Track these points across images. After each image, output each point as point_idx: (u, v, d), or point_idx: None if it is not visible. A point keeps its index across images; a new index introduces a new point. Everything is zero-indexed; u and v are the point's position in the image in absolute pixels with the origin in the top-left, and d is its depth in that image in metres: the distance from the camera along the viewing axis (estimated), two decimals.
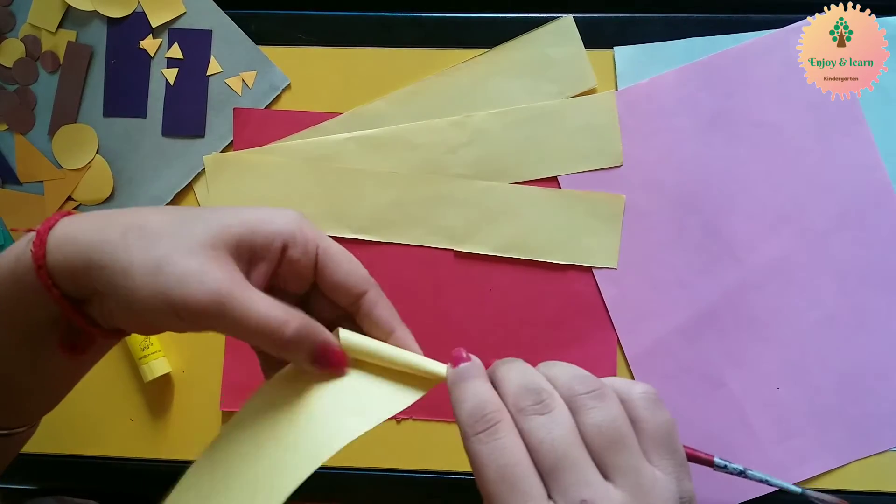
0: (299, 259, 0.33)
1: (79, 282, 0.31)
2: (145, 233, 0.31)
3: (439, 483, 0.59)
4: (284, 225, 0.33)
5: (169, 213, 0.32)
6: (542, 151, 0.59)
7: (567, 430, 0.29)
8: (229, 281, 0.30)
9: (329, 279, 0.34)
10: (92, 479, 0.61)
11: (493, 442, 0.29)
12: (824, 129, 0.58)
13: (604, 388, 0.30)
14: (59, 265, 0.31)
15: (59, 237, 0.31)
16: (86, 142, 0.61)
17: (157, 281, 0.30)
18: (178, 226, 0.31)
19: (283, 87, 0.61)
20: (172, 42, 0.61)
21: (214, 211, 0.32)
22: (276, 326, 0.31)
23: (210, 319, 0.30)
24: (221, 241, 0.31)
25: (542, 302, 0.59)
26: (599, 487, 0.28)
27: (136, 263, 0.30)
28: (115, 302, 0.31)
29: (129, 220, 0.31)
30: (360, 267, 0.35)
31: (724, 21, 0.59)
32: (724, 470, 0.35)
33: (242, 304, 0.30)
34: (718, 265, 0.58)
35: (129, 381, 0.61)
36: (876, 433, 0.56)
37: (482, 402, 0.30)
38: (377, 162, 0.60)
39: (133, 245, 0.30)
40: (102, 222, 0.31)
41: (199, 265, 0.30)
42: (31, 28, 0.61)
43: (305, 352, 0.32)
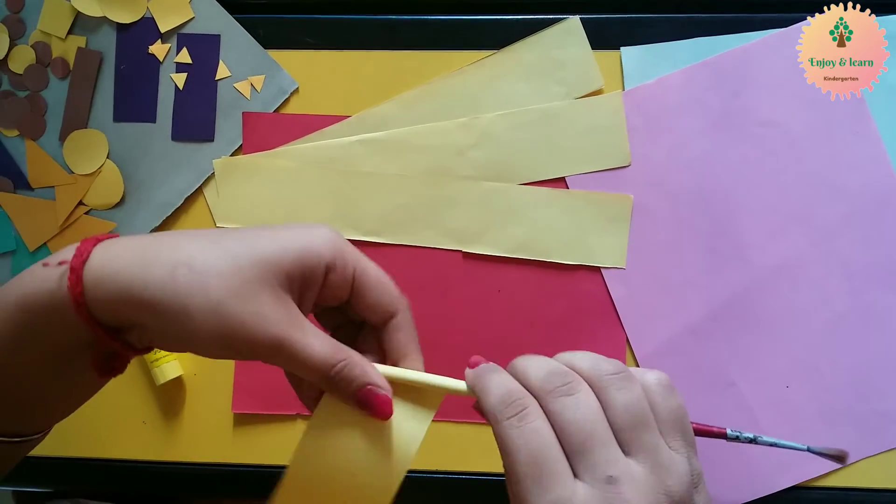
0: (338, 283, 0.34)
1: (121, 316, 0.31)
2: (195, 271, 0.31)
3: (446, 483, 0.59)
4: (326, 251, 0.33)
5: (211, 245, 0.32)
6: (550, 152, 0.59)
7: (593, 410, 0.30)
8: (287, 322, 0.31)
9: (364, 301, 0.35)
10: (106, 481, 0.62)
11: (525, 426, 0.30)
12: (831, 127, 0.58)
13: (628, 370, 0.32)
14: (99, 302, 0.31)
15: (97, 273, 0.31)
16: (96, 147, 0.62)
17: (217, 323, 0.30)
18: (225, 261, 0.31)
19: (292, 90, 0.61)
20: (181, 47, 0.61)
21: (255, 239, 0.32)
22: (329, 367, 0.32)
23: (269, 357, 0.32)
24: (273, 276, 0.31)
25: (550, 302, 0.59)
26: (623, 464, 0.29)
27: (192, 306, 0.30)
28: (164, 336, 0.31)
29: (173, 255, 0.31)
30: (392, 288, 0.35)
31: (730, 21, 0.59)
32: (737, 440, 0.36)
33: (299, 346, 0.31)
34: (727, 265, 0.58)
35: (141, 384, 0.61)
36: (885, 431, 0.57)
37: (509, 389, 0.32)
38: (385, 164, 0.60)
39: (185, 285, 0.30)
40: (143, 257, 0.31)
41: (257, 307, 0.31)
42: (42, 34, 0.61)
43: (352, 392, 0.33)
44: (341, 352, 0.33)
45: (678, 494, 0.29)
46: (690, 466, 0.31)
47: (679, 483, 0.30)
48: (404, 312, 0.36)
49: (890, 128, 0.58)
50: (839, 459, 0.39)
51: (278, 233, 0.33)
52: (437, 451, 0.59)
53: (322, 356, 0.32)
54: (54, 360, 0.33)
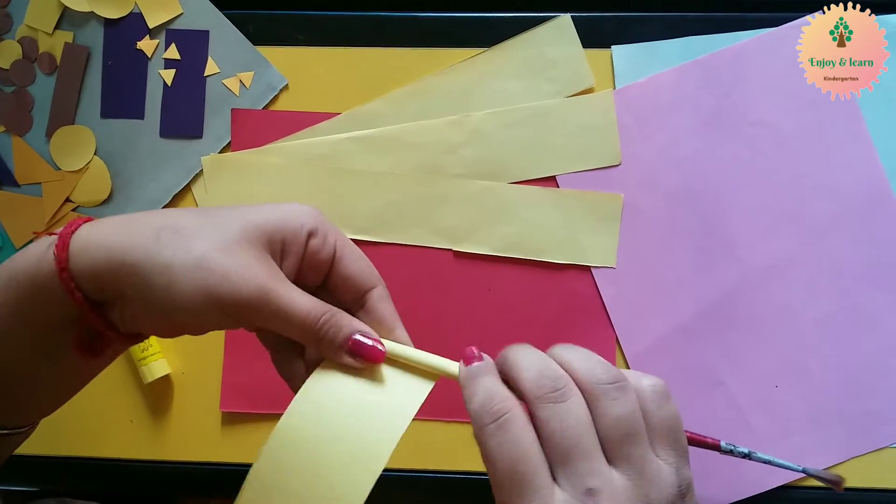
0: (320, 250, 0.34)
1: (105, 285, 0.31)
2: (179, 233, 0.31)
3: (439, 483, 0.59)
4: (308, 219, 0.34)
5: (197, 214, 0.33)
6: (541, 151, 0.59)
7: (582, 420, 0.30)
8: (270, 275, 0.32)
9: (343, 272, 0.35)
10: (92, 480, 0.61)
11: (503, 434, 0.30)
12: (822, 127, 0.58)
13: (625, 380, 0.31)
14: (83, 268, 0.31)
15: (83, 240, 0.31)
16: (83, 143, 0.61)
17: (200, 277, 0.30)
18: (210, 225, 0.32)
19: (281, 87, 0.61)
20: (169, 43, 0.61)
21: (239, 209, 0.33)
22: (315, 318, 0.33)
23: (252, 312, 0.32)
24: (255, 238, 0.32)
25: (541, 301, 0.59)
26: (605, 476, 0.29)
27: (176, 262, 0.30)
28: (145, 303, 0.31)
29: (158, 221, 0.32)
30: (371, 264, 0.36)
31: (722, 20, 0.59)
32: (731, 453, 0.36)
33: (283, 297, 0.32)
34: (717, 264, 0.58)
35: (128, 382, 0.61)
36: (873, 431, 0.57)
37: (492, 395, 0.31)
38: (375, 162, 0.60)
39: (169, 245, 0.31)
40: (130, 225, 0.32)
41: (241, 261, 0.31)
42: (28, 29, 0.61)
43: (341, 342, 0.33)
44: (325, 305, 0.33)
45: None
46: (678, 477, 0.30)
47: (662, 495, 0.29)
48: (383, 286, 0.36)
49: (890, 128, 0.58)
50: (835, 485, 0.39)
51: (263, 205, 0.34)
52: (426, 451, 0.59)
53: (307, 307, 0.32)
54: (39, 338, 0.33)
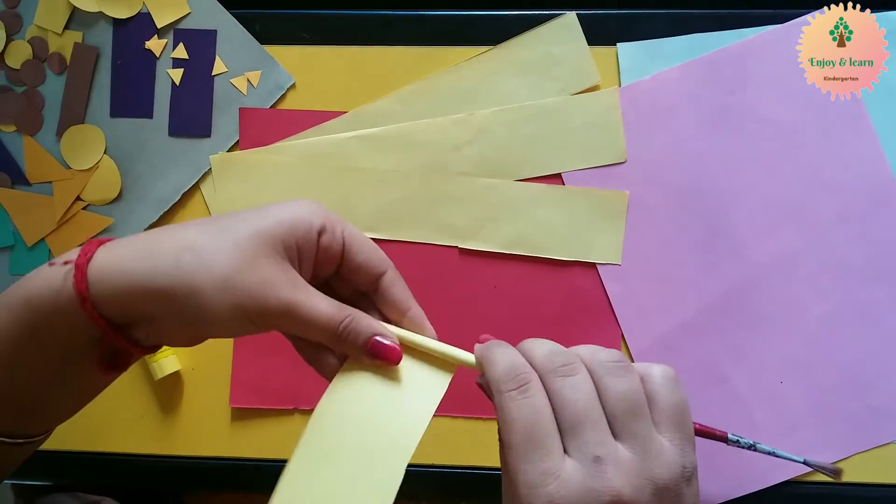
0: (331, 245, 0.35)
1: (129, 310, 0.32)
2: (198, 253, 0.32)
3: (447, 477, 0.60)
4: (316, 217, 0.35)
5: (209, 228, 0.33)
6: (546, 149, 0.59)
7: (589, 392, 0.31)
8: (292, 286, 0.33)
9: (354, 261, 0.36)
10: (105, 474, 0.62)
11: (524, 399, 0.31)
12: (827, 124, 0.58)
13: (626, 360, 0.33)
14: (105, 296, 0.31)
15: (101, 268, 0.32)
16: (93, 142, 0.62)
17: (228, 297, 0.32)
18: (226, 241, 0.33)
19: (288, 86, 0.61)
20: (177, 42, 0.61)
21: (247, 217, 0.34)
22: (336, 323, 0.34)
23: (279, 322, 0.33)
24: (271, 246, 0.33)
25: (546, 298, 0.59)
26: (612, 447, 0.30)
27: (202, 285, 0.31)
28: (175, 323, 0.32)
29: (174, 244, 0.32)
30: (379, 249, 0.37)
31: (727, 17, 0.59)
32: (737, 444, 0.37)
33: (307, 306, 0.33)
34: (722, 261, 0.58)
35: (139, 379, 0.62)
36: (877, 426, 0.57)
37: (514, 363, 0.33)
38: (381, 160, 0.60)
39: (191, 268, 0.32)
40: (146, 249, 0.32)
41: (263, 275, 0.32)
42: (38, 30, 0.61)
43: (361, 344, 0.35)
44: (346, 309, 0.35)
45: (663, 482, 0.30)
46: (683, 459, 0.31)
47: (666, 472, 0.30)
48: (393, 269, 0.37)
49: (889, 127, 0.58)
50: (834, 474, 0.40)
51: (269, 209, 0.35)
52: (433, 446, 0.60)
53: (329, 314, 0.34)
54: (59, 359, 0.34)
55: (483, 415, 0.59)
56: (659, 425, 0.32)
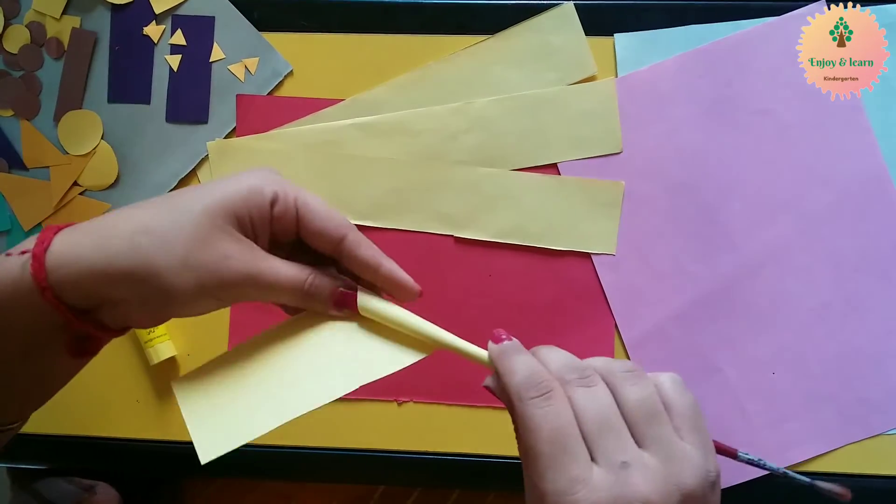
0: (284, 214, 0.35)
1: (90, 294, 0.32)
2: (154, 235, 0.32)
3: (439, 464, 0.60)
4: (267, 187, 0.35)
5: (162, 209, 0.33)
6: (542, 138, 0.60)
7: (608, 401, 0.31)
8: (250, 256, 0.34)
9: (309, 227, 0.36)
10: (100, 459, 0.63)
11: (548, 406, 0.31)
12: (822, 117, 0.58)
13: (640, 369, 0.33)
14: (65, 283, 0.31)
15: (58, 256, 0.32)
16: (91, 128, 0.62)
17: (188, 275, 0.32)
18: (180, 219, 0.33)
19: (286, 73, 0.61)
20: (175, 28, 0.61)
21: (199, 191, 0.34)
22: (299, 283, 0.35)
23: (243, 293, 0.34)
24: (225, 220, 0.33)
25: (541, 287, 0.60)
26: (636, 453, 0.30)
27: (161, 266, 0.32)
28: (139, 305, 0.32)
29: (129, 226, 0.32)
30: (338, 214, 0.37)
31: (724, 8, 0.59)
32: (747, 461, 0.37)
33: (268, 273, 0.34)
34: (716, 252, 0.59)
35: (135, 364, 0.62)
36: (867, 418, 0.57)
37: (535, 371, 0.33)
38: (378, 148, 0.60)
39: (148, 249, 0.32)
40: (101, 234, 0.32)
41: (221, 250, 0.33)
42: (36, 14, 0.61)
43: (325, 298, 0.36)
44: (307, 268, 0.36)
45: (690, 488, 0.30)
46: (706, 463, 0.31)
47: (692, 477, 0.30)
48: (354, 231, 0.37)
49: (890, 127, 0.58)
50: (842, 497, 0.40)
51: (221, 181, 0.35)
52: (436, 434, 0.60)
53: (290, 275, 0.35)
54: (25, 348, 0.34)
55: (477, 402, 0.60)
56: (679, 430, 0.31)
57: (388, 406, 0.60)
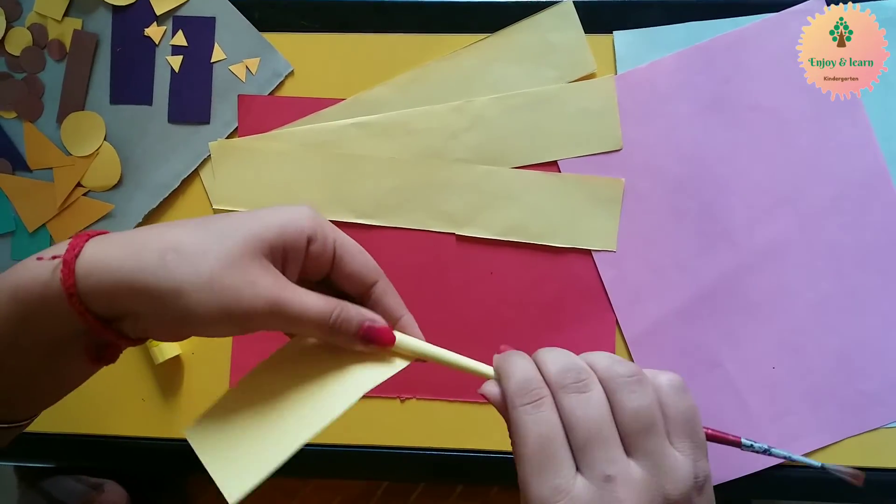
0: (321, 254, 0.35)
1: (115, 305, 0.32)
2: (183, 253, 0.32)
3: (442, 460, 0.61)
4: (306, 223, 0.35)
5: (197, 229, 0.33)
6: (543, 136, 0.60)
7: (602, 410, 0.32)
8: (277, 285, 0.33)
9: (345, 270, 0.36)
10: (105, 457, 0.63)
11: (538, 413, 0.32)
12: (821, 112, 0.59)
13: (642, 375, 0.33)
14: (92, 291, 0.32)
15: (88, 264, 0.32)
16: (93, 129, 0.62)
17: (213, 298, 0.32)
18: (212, 242, 0.33)
19: (287, 73, 0.61)
20: (177, 29, 0.62)
21: (237, 219, 0.34)
22: (327, 316, 0.35)
23: (266, 322, 0.33)
24: (258, 248, 0.33)
25: (542, 284, 0.60)
26: (623, 465, 0.31)
27: (186, 285, 0.31)
28: (159, 321, 0.33)
29: (161, 243, 0.32)
30: (371, 258, 0.37)
31: (723, 5, 0.59)
32: (751, 449, 0.37)
33: (295, 303, 0.34)
34: (716, 248, 0.59)
35: (140, 363, 0.62)
36: (867, 411, 0.58)
37: (529, 377, 0.33)
38: (379, 147, 0.61)
39: (176, 267, 0.32)
40: (133, 246, 0.32)
41: (248, 276, 0.32)
42: (38, 16, 0.62)
43: (352, 333, 0.35)
44: (334, 300, 0.35)
45: (674, 498, 0.30)
46: (695, 469, 0.31)
47: (678, 487, 0.31)
48: (385, 279, 0.37)
49: (890, 127, 0.58)
50: (855, 478, 0.40)
51: (261, 212, 0.35)
52: (438, 430, 0.60)
53: (318, 307, 0.34)
54: (47, 350, 0.34)
55: (481, 399, 0.60)
56: (669, 435, 0.32)
57: (392, 403, 0.61)
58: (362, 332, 0.35)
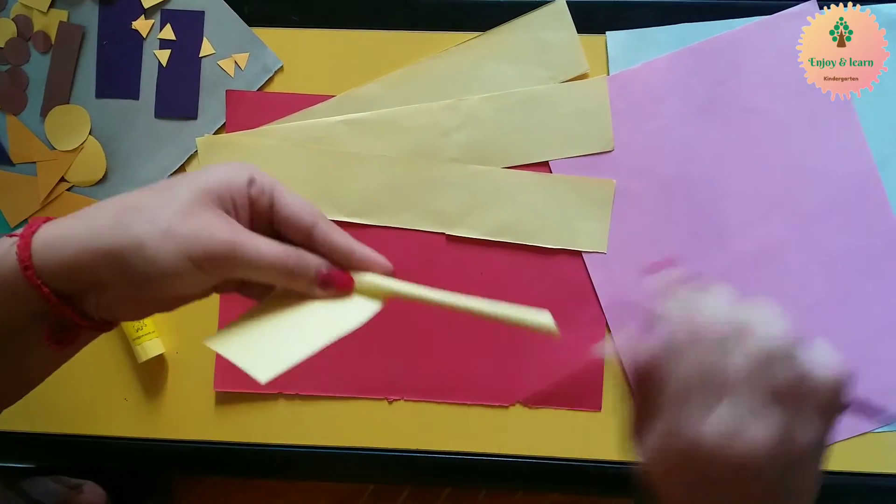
0: (259, 197, 0.36)
1: (77, 276, 0.32)
2: (139, 210, 0.33)
3: (430, 462, 0.60)
4: (244, 171, 0.36)
5: (147, 191, 0.34)
6: (534, 136, 0.60)
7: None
8: (232, 228, 0.34)
9: (283, 212, 0.36)
10: (87, 457, 0.62)
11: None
12: (813, 115, 0.58)
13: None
14: (52, 263, 0.32)
15: (45, 238, 0.32)
16: (78, 123, 0.61)
17: (172, 246, 0.32)
18: (165, 197, 0.33)
19: (276, 69, 0.61)
20: (165, 23, 0.61)
21: (185, 177, 0.35)
22: (284, 259, 0.35)
23: (226, 264, 0.34)
24: (209, 199, 0.34)
25: (532, 285, 0.60)
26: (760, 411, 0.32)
27: (145, 237, 0.32)
28: (126, 282, 0.33)
29: (116, 206, 0.33)
30: (309, 203, 0.37)
31: (716, 7, 0.59)
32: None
33: (251, 245, 0.34)
34: (707, 250, 0.59)
35: (123, 361, 0.61)
36: (857, 416, 0.57)
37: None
38: (369, 145, 0.60)
39: (133, 223, 0.32)
40: (89, 216, 0.33)
41: (203, 221, 0.33)
42: (23, 8, 0.61)
43: (311, 277, 0.36)
44: (292, 248, 0.36)
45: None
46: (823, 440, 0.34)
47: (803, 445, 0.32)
48: (324, 220, 0.37)
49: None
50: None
51: (205, 168, 0.36)
52: (425, 432, 0.60)
53: (274, 251, 0.35)
54: (6, 336, 0.34)
55: (468, 401, 0.59)
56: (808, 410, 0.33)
57: (380, 404, 0.60)
58: (321, 277, 0.36)
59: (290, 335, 0.36)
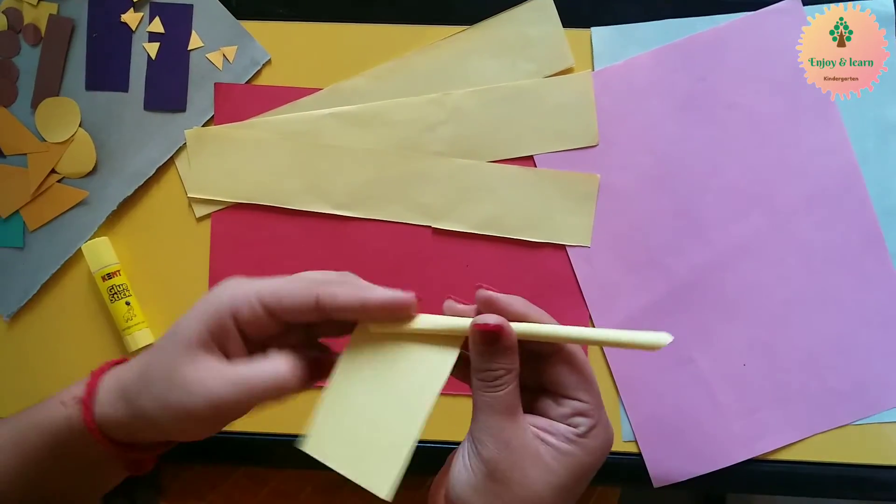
0: (253, 319, 0.36)
1: (134, 433, 0.38)
2: (147, 385, 0.36)
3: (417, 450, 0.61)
4: (221, 302, 0.36)
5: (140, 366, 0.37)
6: (519, 130, 0.60)
7: None
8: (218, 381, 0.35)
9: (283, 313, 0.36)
10: None
11: None
12: (796, 112, 0.59)
13: None
14: (110, 426, 0.37)
15: (102, 405, 0.37)
16: (68, 115, 0.62)
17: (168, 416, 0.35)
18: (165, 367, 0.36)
19: (264, 62, 0.61)
20: (154, 16, 0.61)
21: (173, 336, 0.36)
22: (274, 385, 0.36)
23: (219, 416, 0.36)
24: (194, 348, 0.35)
25: (516, 279, 0.60)
26: None
27: (148, 408, 0.36)
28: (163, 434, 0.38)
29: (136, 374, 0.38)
30: (298, 280, 0.37)
31: (700, 3, 0.59)
32: None
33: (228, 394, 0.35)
34: (689, 244, 0.59)
35: (113, 351, 0.62)
36: (835, 408, 0.58)
37: None
38: (356, 138, 0.61)
39: (141, 397, 0.36)
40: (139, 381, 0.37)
41: (180, 389, 0.35)
42: (13, 0, 0.61)
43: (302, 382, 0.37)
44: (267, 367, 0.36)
45: None
46: None
47: None
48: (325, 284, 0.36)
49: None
50: None
51: (184, 318, 0.36)
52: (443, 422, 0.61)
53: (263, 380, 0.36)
54: (87, 469, 0.40)
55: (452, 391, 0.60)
56: None
57: None
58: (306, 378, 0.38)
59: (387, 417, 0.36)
